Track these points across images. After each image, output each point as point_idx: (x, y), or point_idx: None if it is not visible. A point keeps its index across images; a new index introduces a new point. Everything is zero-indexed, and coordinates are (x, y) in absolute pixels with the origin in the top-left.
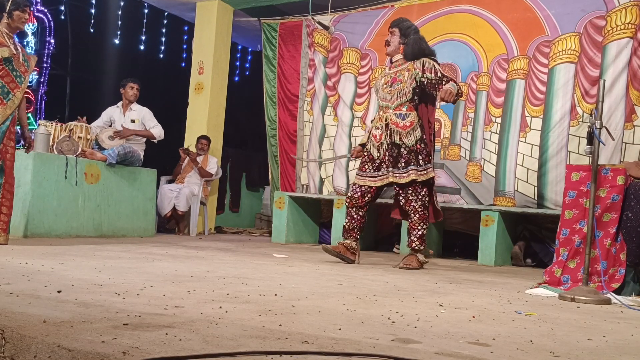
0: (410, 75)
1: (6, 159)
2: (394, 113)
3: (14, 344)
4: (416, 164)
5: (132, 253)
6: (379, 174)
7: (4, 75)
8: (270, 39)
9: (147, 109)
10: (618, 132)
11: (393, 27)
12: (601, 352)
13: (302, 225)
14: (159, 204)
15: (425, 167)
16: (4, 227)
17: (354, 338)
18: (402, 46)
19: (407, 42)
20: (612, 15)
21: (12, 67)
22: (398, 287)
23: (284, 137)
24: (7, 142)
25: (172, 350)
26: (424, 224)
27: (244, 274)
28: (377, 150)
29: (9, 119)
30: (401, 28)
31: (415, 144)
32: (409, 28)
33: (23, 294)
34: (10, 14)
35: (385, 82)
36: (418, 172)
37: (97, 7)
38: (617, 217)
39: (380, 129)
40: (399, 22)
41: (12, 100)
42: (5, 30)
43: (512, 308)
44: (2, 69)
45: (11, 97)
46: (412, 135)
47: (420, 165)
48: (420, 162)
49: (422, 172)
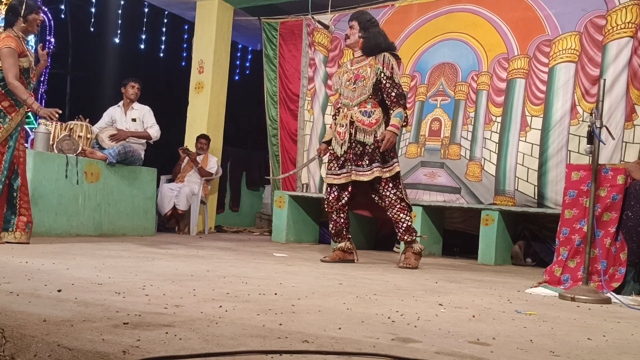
0: (372, 70)
1: (20, 162)
2: (359, 110)
3: (14, 343)
4: (381, 161)
5: (132, 252)
6: (343, 172)
7: (21, 84)
8: (271, 38)
9: (147, 108)
10: (618, 131)
11: (352, 21)
12: (601, 352)
13: (302, 225)
14: (159, 203)
15: (391, 163)
16: (23, 227)
17: (354, 337)
18: (362, 40)
19: (367, 36)
20: (613, 14)
21: (27, 76)
22: (398, 286)
23: (285, 137)
24: (19, 146)
25: (172, 349)
26: (405, 215)
27: (244, 273)
28: (340, 147)
29: (20, 124)
30: (360, 21)
31: (381, 141)
32: (369, 21)
33: (23, 293)
34: (26, 18)
35: (348, 79)
36: (383, 169)
37: (97, 6)
38: (617, 217)
39: (344, 127)
40: (358, 15)
41: (23, 107)
42: (22, 34)
43: (512, 307)
44: (20, 78)
45: (22, 105)
46: (378, 133)
47: (387, 161)
48: (387, 158)
49: (387, 168)
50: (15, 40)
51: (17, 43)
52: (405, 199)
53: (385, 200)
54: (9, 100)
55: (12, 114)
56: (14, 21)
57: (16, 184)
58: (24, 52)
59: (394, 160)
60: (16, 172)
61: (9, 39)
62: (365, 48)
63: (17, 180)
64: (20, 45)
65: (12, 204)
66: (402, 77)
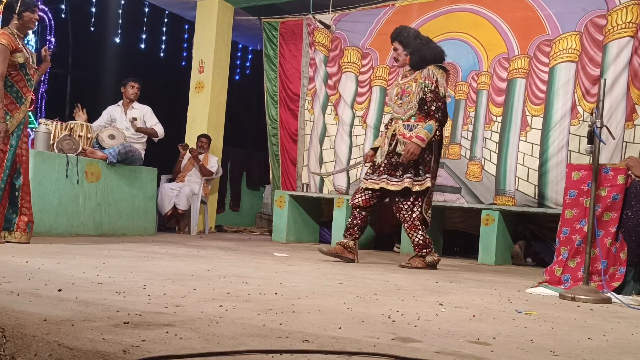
0: (417, 85)
1: (22, 161)
2: (403, 124)
3: (15, 342)
4: (414, 173)
5: (133, 252)
6: (373, 178)
7: (19, 80)
8: (271, 38)
9: (148, 107)
10: (619, 131)
11: (394, 42)
12: (601, 352)
13: (303, 224)
14: (160, 202)
15: (423, 177)
16: (24, 227)
17: (355, 337)
18: (408, 57)
19: (411, 51)
20: (613, 14)
21: (25, 72)
22: (398, 286)
23: (285, 137)
24: (22, 144)
25: (173, 348)
26: (415, 232)
27: (245, 272)
28: (381, 156)
29: (22, 122)
30: (401, 40)
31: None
32: (409, 36)
33: (23, 293)
34: (21, 15)
35: (396, 94)
36: (414, 181)
37: (97, 6)
38: (618, 217)
39: (388, 139)
40: (397, 33)
41: (25, 104)
42: (17, 31)
43: (512, 307)
44: (18, 74)
45: (24, 102)
46: None
47: (419, 175)
48: (420, 172)
49: (418, 182)
50: (8, 37)
51: (10, 40)
52: (419, 215)
53: (400, 212)
54: (9, 97)
55: (13, 111)
56: (10, 18)
57: (18, 183)
58: (18, 48)
59: (426, 175)
60: (18, 170)
61: (2, 35)
62: (412, 64)
63: (19, 179)
64: (13, 42)
65: (13, 203)
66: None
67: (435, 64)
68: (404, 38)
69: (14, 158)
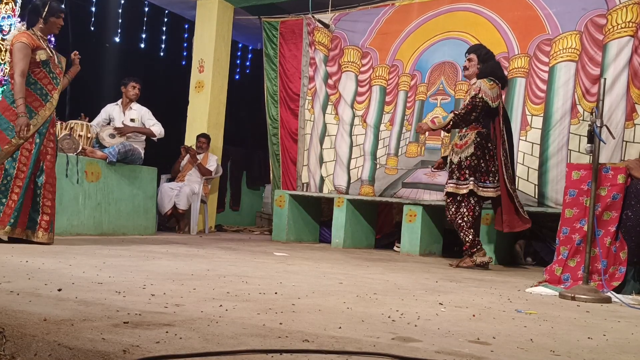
0: (469, 96)
1: (46, 159)
2: (458, 135)
3: (15, 342)
4: (457, 178)
5: (133, 251)
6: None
7: (42, 77)
8: (271, 37)
9: (146, 109)
10: (619, 130)
11: (471, 54)
12: (601, 351)
13: (303, 224)
14: (160, 202)
15: (467, 182)
16: (46, 226)
17: (354, 336)
18: (478, 72)
19: (484, 68)
20: (613, 13)
21: (49, 70)
22: (398, 285)
23: (285, 136)
24: (47, 143)
25: (173, 348)
26: (461, 233)
27: (245, 272)
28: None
29: (48, 120)
30: (479, 55)
31: (464, 160)
32: (486, 54)
33: (23, 292)
34: (47, 20)
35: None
36: (456, 185)
37: (97, 5)
38: (618, 216)
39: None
40: (476, 48)
41: (51, 102)
42: (40, 33)
43: (512, 307)
44: (41, 71)
45: (49, 99)
46: (464, 152)
47: (465, 179)
48: (466, 177)
49: (460, 186)
50: (28, 36)
51: (30, 39)
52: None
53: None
54: (33, 95)
55: (38, 108)
56: (35, 21)
57: (40, 181)
58: (40, 46)
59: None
60: (41, 168)
61: (23, 34)
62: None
63: (42, 177)
64: (34, 41)
65: (35, 201)
66: (402, 75)
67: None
68: (482, 55)
69: (37, 156)
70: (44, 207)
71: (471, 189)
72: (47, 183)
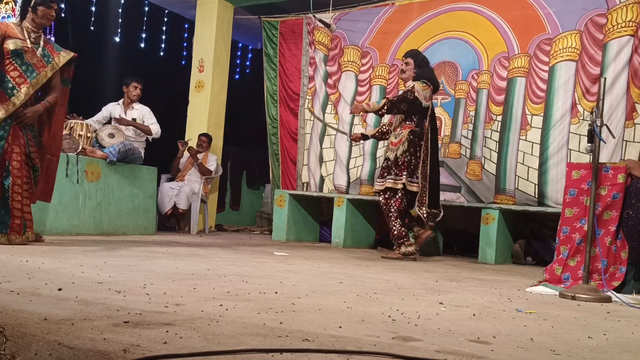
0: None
1: (12, 159)
2: (393, 134)
3: (15, 341)
4: (394, 173)
5: (133, 251)
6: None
7: (11, 69)
8: (271, 37)
9: (147, 108)
10: (619, 130)
11: (408, 58)
12: (601, 350)
13: (303, 223)
14: (160, 201)
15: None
16: (18, 229)
17: (355, 336)
18: (414, 76)
19: (420, 73)
20: (613, 13)
21: (22, 61)
22: (398, 285)
23: (285, 136)
24: (13, 141)
25: (173, 348)
26: (390, 224)
27: (245, 272)
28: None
29: (11, 116)
30: (416, 60)
31: (400, 156)
32: (422, 60)
33: (24, 292)
34: (35, 9)
35: None
36: (394, 181)
37: (97, 5)
38: (618, 215)
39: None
40: (413, 53)
41: (17, 96)
42: (29, 25)
43: (512, 306)
44: (9, 63)
45: (16, 93)
46: (399, 149)
47: (399, 174)
48: (400, 172)
49: (397, 181)
50: (5, 25)
51: (6, 27)
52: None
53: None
54: None
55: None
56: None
57: (7, 183)
58: (12, 35)
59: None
60: (7, 169)
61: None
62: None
63: (8, 179)
64: (8, 30)
65: (5, 204)
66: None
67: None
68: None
69: (2, 155)
70: (14, 210)
71: (404, 182)
72: (14, 184)
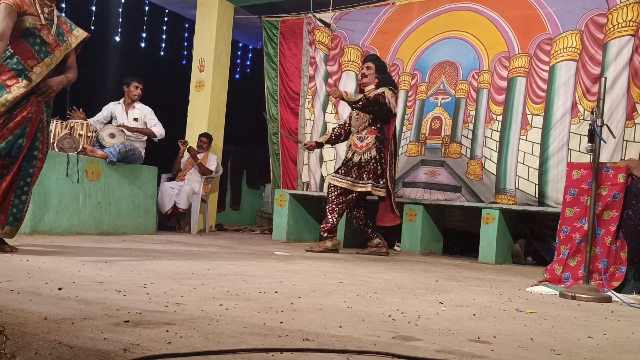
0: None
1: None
2: (357, 137)
3: (15, 341)
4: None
5: (133, 250)
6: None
7: (22, 50)
8: (272, 37)
9: (149, 108)
10: (619, 130)
11: (369, 62)
12: (602, 350)
13: (303, 223)
14: (160, 201)
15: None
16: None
17: (355, 335)
18: (377, 81)
19: (382, 78)
20: (614, 12)
21: (35, 40)
22: (399, 284)
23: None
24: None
25: (173, 347)
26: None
27: (245, 271)
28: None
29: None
30: (377, 65)
31: (364, 162)
32: (383, 66)
33: (24, 291)
34: None
35: (356, 112)
36: (353, 183)
37: (98, 4)
38: (618, 215)
39: (348, 148)
40: (374, 58)
41: (29, 78)
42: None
43: (512, 306)
44: (21, 42)
45: (28, 74)
46: (365, 154)
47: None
48: (363, 177)
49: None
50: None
51: (21, 1)
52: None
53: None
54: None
55: (10, 86)
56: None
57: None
58: (29, 11)
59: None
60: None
61: None
62: (378, 87)
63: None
64: (24, 4)
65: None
66: (402, 74)
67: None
68: (380, 66)
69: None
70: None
71: (368, 190)
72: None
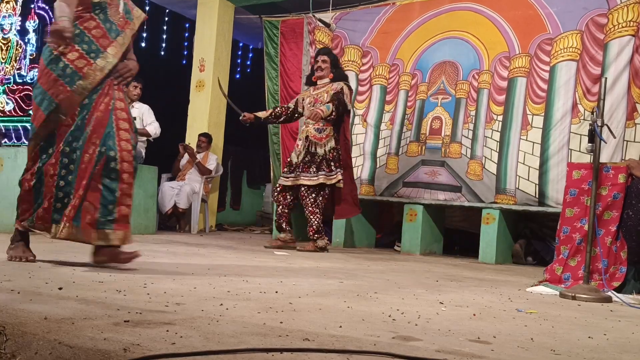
0: (328, 95)
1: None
2: (314, 128)
3: (15, 340)
4: (326, 170)
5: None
6: (291, 176)
7: (93, 27)
8: (272, 37)
9: (147, 106)
10: (619, 130)
11: (324, 55)
12: (602, 350)
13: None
14: (160, 201)
15: (335, 172)
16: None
17: (355, 335)
18: (332, 74)
19: (337, 73)
20: (614, 12)
21: (106, 17)
22: (399, 284)
23: (286, 135)
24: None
25: (173, 347)
26: (313, 217)
27: (245, 271)
28: (296, 157)
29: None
30: (332, 59)
31: (328, 153)
32: (337, 60)
33: (24, 291)
34: None
35: (309, 102)
36: (327, 176)
37: None
38: (618, 215)
39: (302, 140)
40: (328, 52)
41: (103, 59)
42: None
43: (512, 306)
44: (91, 17)
45: (102, 55)
46: (327, 145)
47: (332, 170)
48: (332, 168)
49: (330, 177)
50: None
51: None
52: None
53: (304, 200)
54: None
55: (83, 69)
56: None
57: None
58: None
59: (338, 170)
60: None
61: None
62: (333, 80)
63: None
64: None
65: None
66: (403, 74)
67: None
68: (335, 61)
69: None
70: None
71: (340, 179)
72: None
